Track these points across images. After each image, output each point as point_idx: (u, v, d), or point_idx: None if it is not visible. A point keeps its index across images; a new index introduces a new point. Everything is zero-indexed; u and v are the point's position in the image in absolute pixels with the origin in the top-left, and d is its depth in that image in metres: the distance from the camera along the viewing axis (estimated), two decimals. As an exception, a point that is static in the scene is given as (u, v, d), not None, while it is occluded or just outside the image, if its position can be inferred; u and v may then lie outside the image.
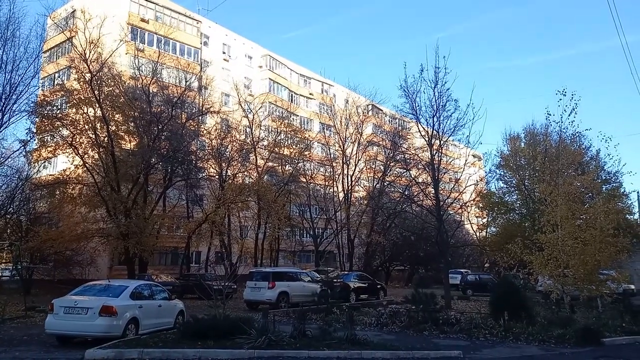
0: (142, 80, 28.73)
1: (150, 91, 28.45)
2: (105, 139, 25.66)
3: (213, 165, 33.73)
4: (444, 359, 9.96)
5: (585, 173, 23.31)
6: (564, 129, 19.12)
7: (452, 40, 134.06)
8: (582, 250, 15.58)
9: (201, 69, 39.93)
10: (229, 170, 33.98)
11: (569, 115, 17.46)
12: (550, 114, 19.04)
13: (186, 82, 30.73)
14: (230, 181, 32.65)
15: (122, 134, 27.77)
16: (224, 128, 35.36)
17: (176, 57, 37.71)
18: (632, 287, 26.06)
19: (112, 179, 25.47)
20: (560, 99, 17.26)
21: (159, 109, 27.99)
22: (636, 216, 35.67)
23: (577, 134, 24.99)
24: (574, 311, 15.83)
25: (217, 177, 33.78)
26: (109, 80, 26.54)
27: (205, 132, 34.09)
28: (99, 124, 25.66)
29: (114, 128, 26.32)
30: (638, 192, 46.43)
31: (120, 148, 27.56)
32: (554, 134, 28.92)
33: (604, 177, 32.56)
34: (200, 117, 33.53)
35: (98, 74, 24.98)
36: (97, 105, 25.03)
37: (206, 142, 34.51)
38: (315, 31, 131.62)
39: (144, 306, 12.02)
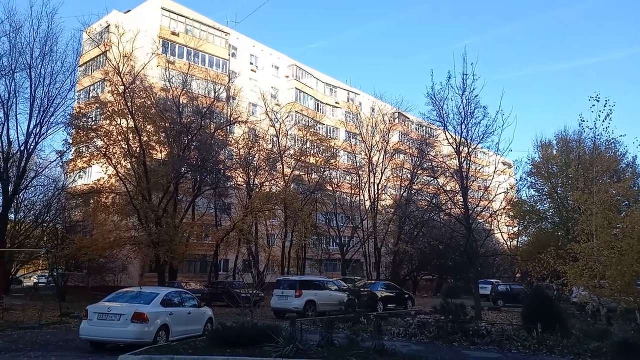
0: (173, 92, 29.43)
1: (181, 102, 29.07)
2: (137, 149, 26.30)
3: (241, 174, 34.14)
4: (474, 371, 9.74)
5: (621, 180, 22.58)
6: (597, 135, 18.55)
7: (480, 47, 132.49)
8: (618, 260, 14.99)
9: (229, 79, 40.66)
10: (256, 179, 34.34)
11: (603, 121, 16.90)
12: (583, 120, 18.47)
13: (215, 92, 31.28)
14: (257, 190, 32.97)
15: (153, 144, 28.40)
16: (252, 137, 35.81)
17: (205, 68, 38.54)
18: (674, 299, 24.88)
19: (144, 188, 26.04)
20: (594, 105, 16.75)
21: (188, 120, 28.56)
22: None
23: (612, 141, 24.29)
24: (610, 323, 15.24)
25: (244, 185, 34.18)
26: (141, 92, 27.25)
27: (233, 141, 34.58)
28: (131, 135, 26.33)
29: (145, 138, 26.96)
30: (678, 200, 44.64)
31: (151, 158, 28.14)
32: (587, 141, 28.19)
33: (641, 185, 31.35)
34: (228, 127, 34.06)
35: (131, 86, 25.70)
36: (129, 116, 25.72)
37: (234, 152, 35.00)
38: (341, 41, 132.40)
39: (174, 313, 12.19)
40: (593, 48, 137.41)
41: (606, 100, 16.57)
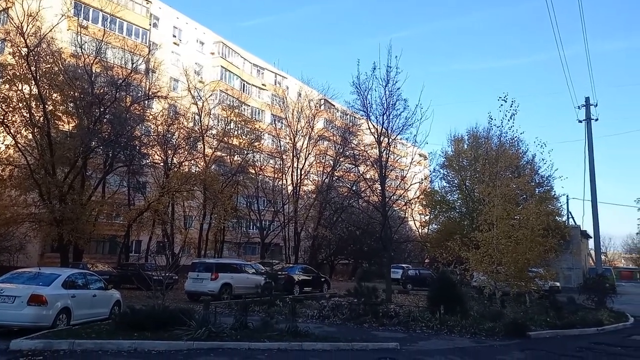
0: (85, 59, 27.23)
1: (93, 71, 27.01)
2: (41, 118, 24.14)
3: (158, 152, 32.67)
4: (381, 350, 10.24)
5: (521, 176, 24.58)
6: (504, 133, 20.18)
7: (404, 42, 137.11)
8: (514, 248, 16.49)
9: (149, 51, 38.42)
10: (174, 158, 33.05)
11: (509, 121, 18.46)
12: (492, 119, 20.09)
13: (133, 63, 29.44)
14: (175, 169, 31.78)
15: (59, 114, 26.22)
16: (172, 114, 34.31)
17: (123, 37, 36.12)
18: (558, 284, 27.96)
19: (47, 161, 24.03)
20: (502, 105, 18.20)
21: (101, 90, 26.63)
22: (564, 218, 38.29)
23: (515, 139, 26.27)
24: (504, 306, 16.70)
25: (161, 164, 32.77)
26: (48, 57, 24.93)
27: (151, 117, 32.85)
28: (34, 103, 24.07)
29: (51, 108, 24.80)
30: (567, 196, 50.07)
31: (57, 129, 26.04)
32: (494, 138, 30.33)
33: (537, 181, 34.42)
34: (146, 102, 32.25)
35: (36, 49, 23.39)
36: (33, 82, 23.45)
37: (152, 128, 33.29)
38: (272, 22, 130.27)
39: (77, 296, 11.54)
40: (511, 50, 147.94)
41: (512, 102, 18.07)
